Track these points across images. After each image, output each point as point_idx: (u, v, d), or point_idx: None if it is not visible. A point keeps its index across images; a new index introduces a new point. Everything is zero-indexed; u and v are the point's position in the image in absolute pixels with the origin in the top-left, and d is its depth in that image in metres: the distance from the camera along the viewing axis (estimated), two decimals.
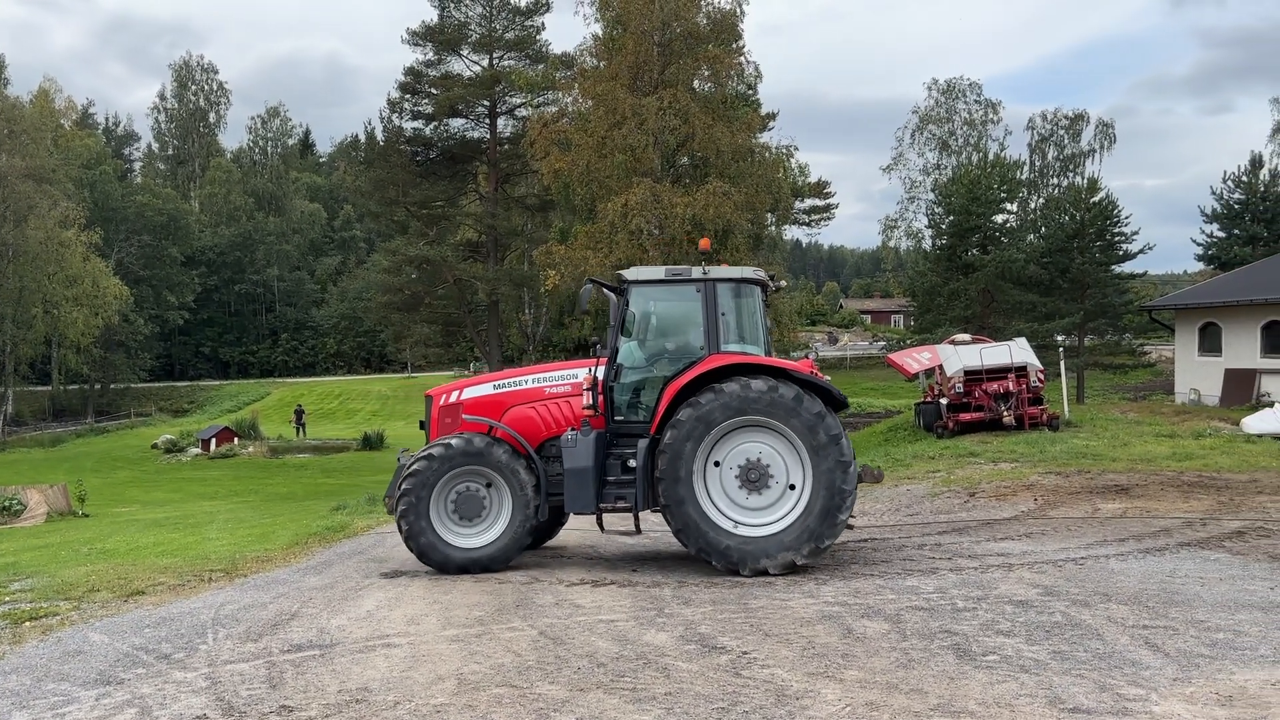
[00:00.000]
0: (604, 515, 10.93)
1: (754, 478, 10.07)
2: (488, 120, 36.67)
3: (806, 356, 11.29)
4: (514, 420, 11.08)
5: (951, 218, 40.90)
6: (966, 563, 10.27)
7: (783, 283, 13.29)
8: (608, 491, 10.60)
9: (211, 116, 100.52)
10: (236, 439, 50.97)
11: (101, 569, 12.29)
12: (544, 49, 36.36)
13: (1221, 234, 49.26)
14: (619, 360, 10.96)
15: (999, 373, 23.55)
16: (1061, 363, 28.38)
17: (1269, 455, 18.88)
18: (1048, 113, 58.49)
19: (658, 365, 10.96)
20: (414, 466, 10.65)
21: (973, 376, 23.65)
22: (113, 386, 75.45)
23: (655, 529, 12.35)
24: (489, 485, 10.71)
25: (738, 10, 25.60)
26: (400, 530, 10.74)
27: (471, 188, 38.82)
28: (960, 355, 24.14)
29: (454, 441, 10.74)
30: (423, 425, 11.82)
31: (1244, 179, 49.11)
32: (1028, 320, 36.96)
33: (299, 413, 57.90)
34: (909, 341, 39.46)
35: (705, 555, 10.08)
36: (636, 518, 10.86)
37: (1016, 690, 6.07)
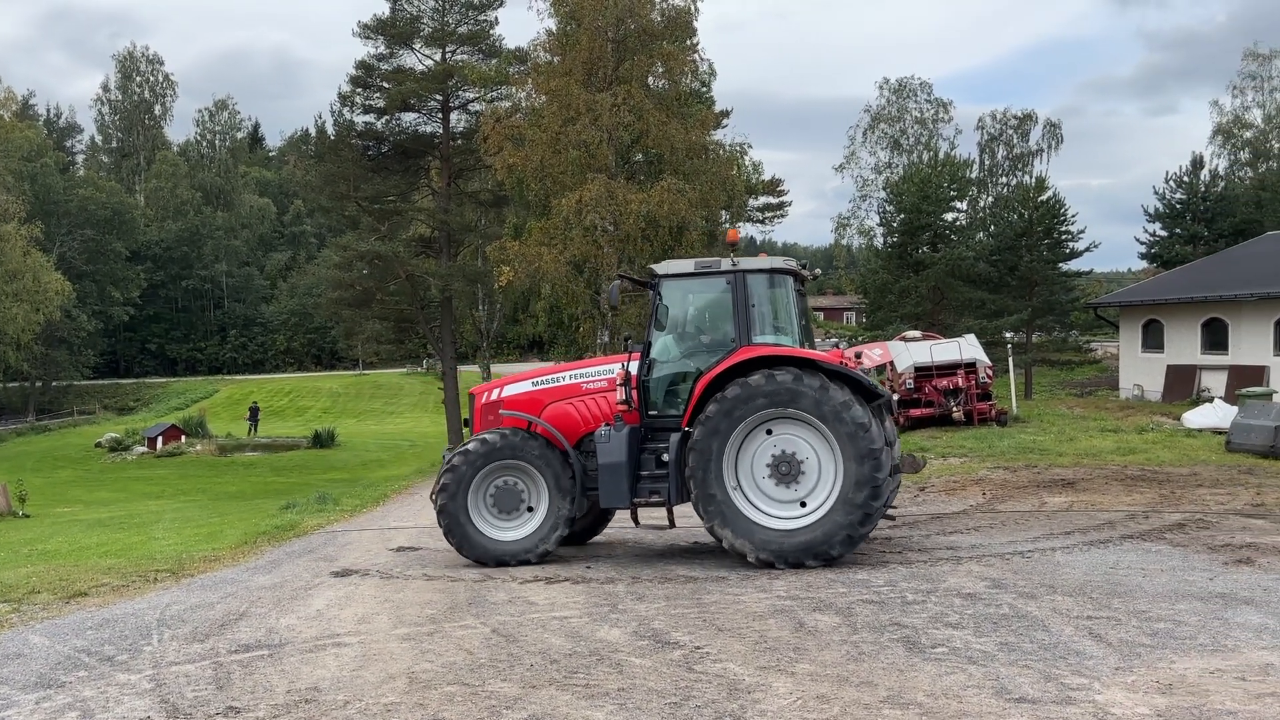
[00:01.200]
0: (639, 510, 10.91)
1: (785, 470, 9.99)
2: (440, 115, 36.33)
3: (836, 346, 11.20)
4: (552, 416, 11.12)
5: (902, 216, 41.32)
6: (916, 556, 10.40)
7: (817, 271, 13.11)
8: (642, 486, 10.60)
9: (157, 109, 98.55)
10: (184, 437, 50.13)
11: (42, 570, 12.04)
12: (498, 44, 36.14)
13: (1164, 233, 50.30)
14: (652, 355, 10.96)
15: (949, 369, 23.88)
16: (1010, 359, 28.84)
17: (1208, 449, 19.36)
18: (997, 112, 59.37)
19: (690, 359, 10.92)
20: (451, 462, 10.88)
21: (923, 373, 23.96)
22: (55, 384, 73.71)
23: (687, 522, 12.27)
24: (528, 479, 10.82)
25: (692, 7, 25.64)
26: (440, 524, 10.97)
27: (424, 183, 38.44)
28: (911, 352, 24.43)
29: (489, 437, 10.92)
30: (466, 423, 11.97)
31: (1185, 179, 50.19)
32: (977, 317, 37.47)
33: (254, 410, 57.10)
34: (861, 338, 39.84)
35: (739, 550, 10.01)
36: (670, 512, 10.87)
37: (964, 682, 6.16)
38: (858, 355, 11.38)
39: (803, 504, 9.99)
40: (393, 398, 69.92)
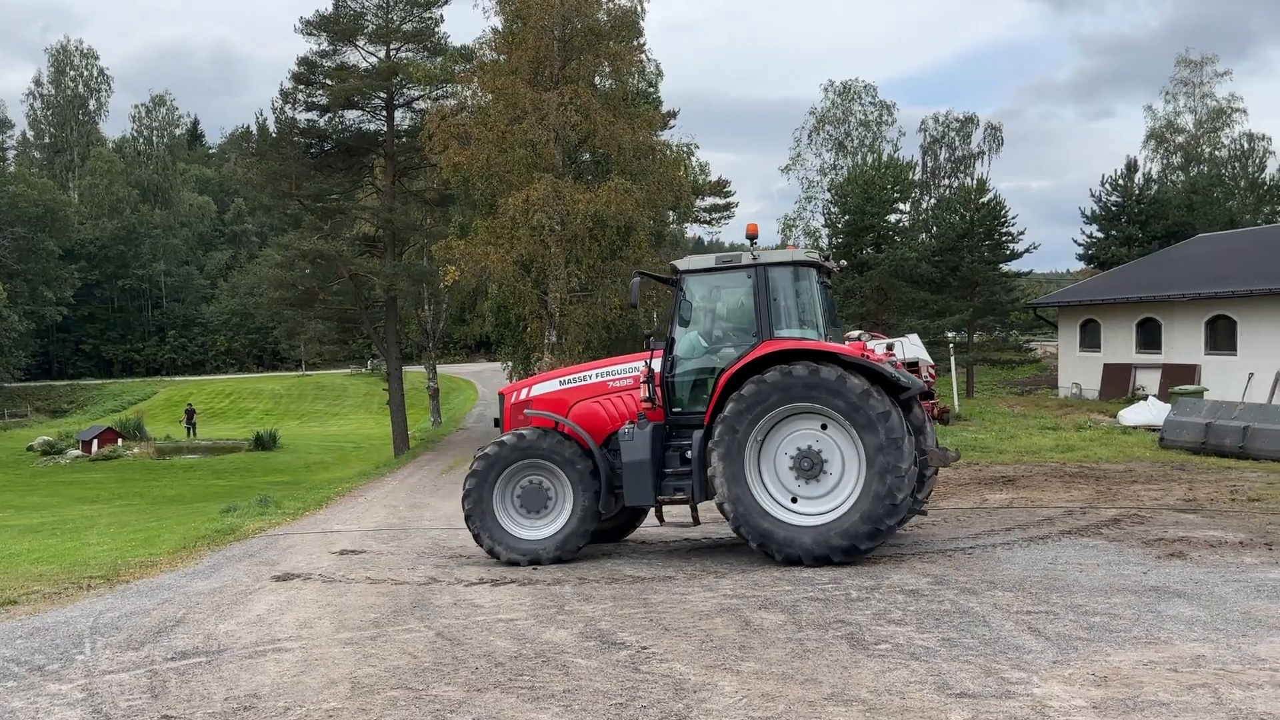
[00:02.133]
0: (664, 507, 10.86)
1: (808, 465, 9.87)
2: (385, 112, 35.86)
3: (859, 339, 10.99)
4: (580, 414, 11.05)
5: (847, 217, 41.77)
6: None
7: (843, 262, 12.96)
8: (666, 484, 10.51)
9: (91, 104, 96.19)
10: (120, 440, 48.98)
11: None
12: (443, 41, 35.77)
13: (1100, 235, 51.41)
14: (675, 351, 10.85)
15: None
16: (952, 358, 29.28)
17: (1143, 446, 19.84)
18: (939, 115, 60.12)
19: (713, 354, 10.80)
20: (476, 465, 10.89)
21: None
22: None
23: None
24: (554, 478, 10.79)
25: (638, 8, 25.64)
26: (469, 527, 10.99)
27: (368, 181, 37.93)
28: None
29: (509, 438, 10.90)
30: (497, 423, 11.90)
31: (1120, 182, 51.35)
32: (919, 317, 37.98)
33: (189, 412, 56.01)
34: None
35: (763, 547, 9.92)
36: (694, 509, 10.79)
37: (907, 677, 6.23)
38: (889, 348, 11.21)
39: (827, 499, 9.84)
40: (336, 399, 69.04)
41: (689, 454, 10.38)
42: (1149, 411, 23.20)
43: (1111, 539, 10.82)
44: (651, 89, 33.30)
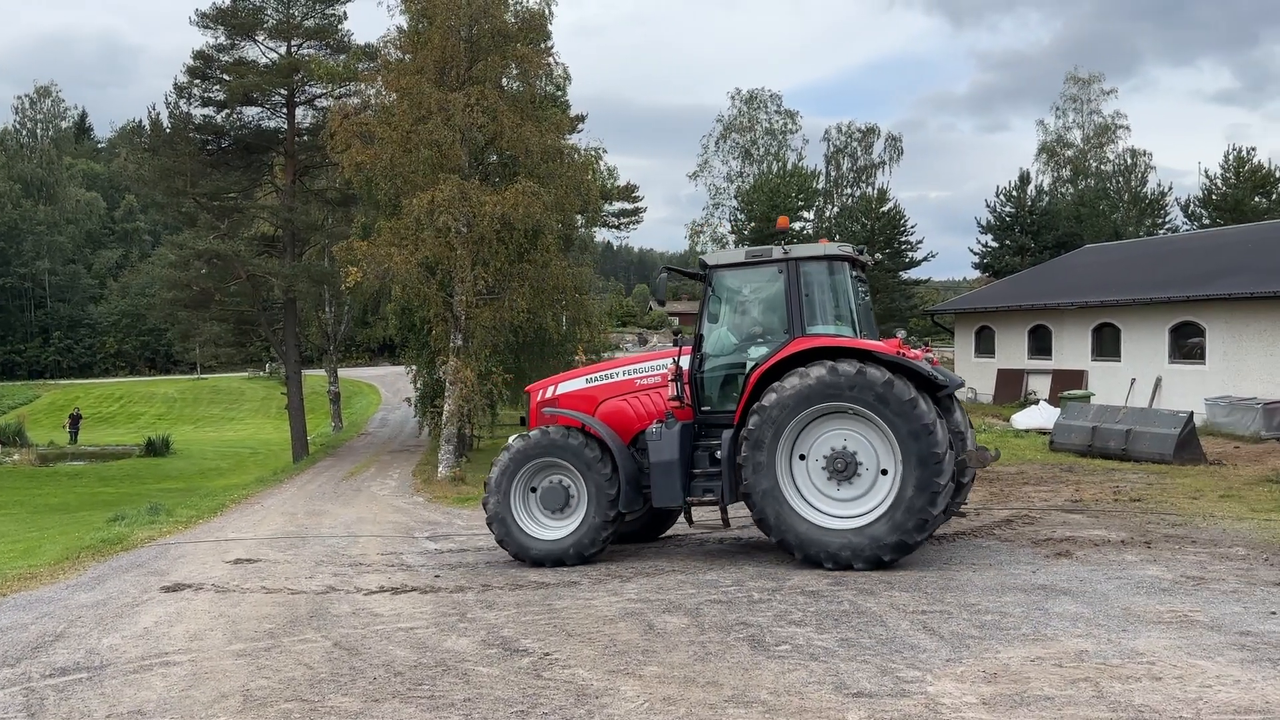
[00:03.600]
0: (694, 508, 10.70)
1: (840, 467, 9.52)
2: (285, 110, 34.98)
3: (895, 335, 10.70)
4: (608, 413, 10.80)
5: (753, 224, 42.40)
6: (763, 555, 10.62)
7: (877, 255, 12.47)
8: (695, 484, 10.23)
9: None
10: (0, 446, 46.74)
11: None
12: (346, 39, 35.05)
13: (994, 244, 53.25)
14: (704, 348, 10.53)
15: None
16: None
17: (1034, 448, 20.55)
18: (842, 125, 61.63)
19: (743, 352, 10.47)
20: (497, 463, 10.86)
21: None
22: None
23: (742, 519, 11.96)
24: (574, 478, 10.60)
25: (546, 10, 25.53)
26: (490, 529, 10.88)
27: (267, 179, 36.91)
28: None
29: (528, 437, 10.73)
30: (523, 421, 11.67)
31: (1014, 194, 53.29)
32: None
33: (74, 417, 53.69)
34: None
35: (786, 547, 9.67)
36: (724, 511, 10.44)
37: (806, 678, 6.32)
38: (925, 344, 11.09)
39: (859, 503, 9.52)
40: (233, 403, 67.03)
41: (719, 454, 10.10)
42: (1040, 415, 24.04)
43: (1003, 539, 11.17)
44: (560, 92, 33.17)
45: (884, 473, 9.45)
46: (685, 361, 10.50)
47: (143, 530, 16.05)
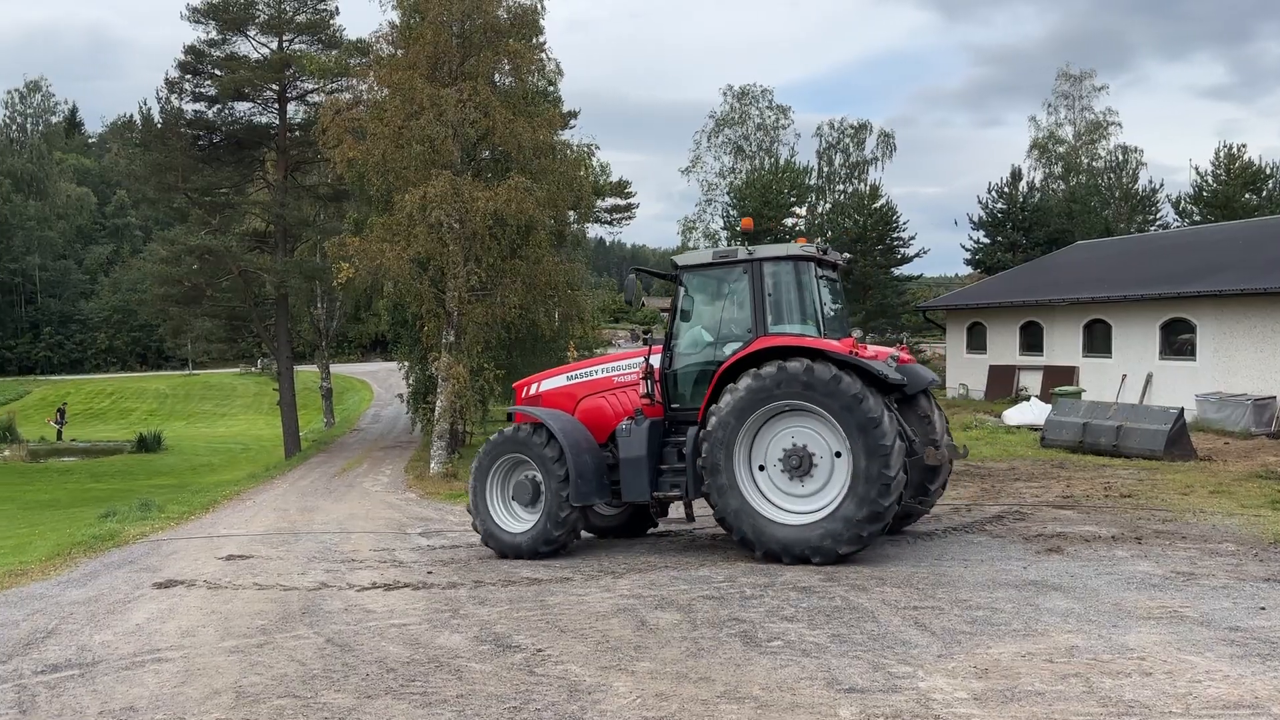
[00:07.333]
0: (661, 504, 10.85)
1: (796, 463, 9.75)
2: (277, 105, 34.87)
3: (850, 335, 10.88)
4: (587, 409, 11.06)
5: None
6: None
7: (847, 255, 12.67)
8: (663, 480, 10.44)
9: None
10: None
11: None
12: (338, 34, 34.94)
13: (986, 240, 53.28)
14: (673, 347, 10.76)
15: None
16: None
17: (1025, 445, 20.61)
18: (834, 121, 61.42)
19: (712, 350, 10.68)
20: (475, 459, 11.22)
21: None
22: None
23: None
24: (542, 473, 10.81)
25: (539, 5, 25.46)
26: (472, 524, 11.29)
27: (259, 175, 36.79)
28: None
29: (505, 432, 11.04)
30: (509, 417, 11.88)
31: (1006, 190, 53.32)
32: None
33: (60, 411, 53.54)
34: None
35: (746, 544, 9.85)
36: (689, 506, 10.71)
37: (798, 674, 6.34)
38: (901, 342, 11.25)
39: (815, 499, 9.74)
40: (225, 399, 66.87)
41: (686, 450, 10.35)
42: (1031, 412, 24.10)
43: (995, 535, 11.21)
44: (552, 88, 33.08)
45: (837, 468, 9.66)
46: (656, 360, 10.80)
47: (134, 527, 16.02)
